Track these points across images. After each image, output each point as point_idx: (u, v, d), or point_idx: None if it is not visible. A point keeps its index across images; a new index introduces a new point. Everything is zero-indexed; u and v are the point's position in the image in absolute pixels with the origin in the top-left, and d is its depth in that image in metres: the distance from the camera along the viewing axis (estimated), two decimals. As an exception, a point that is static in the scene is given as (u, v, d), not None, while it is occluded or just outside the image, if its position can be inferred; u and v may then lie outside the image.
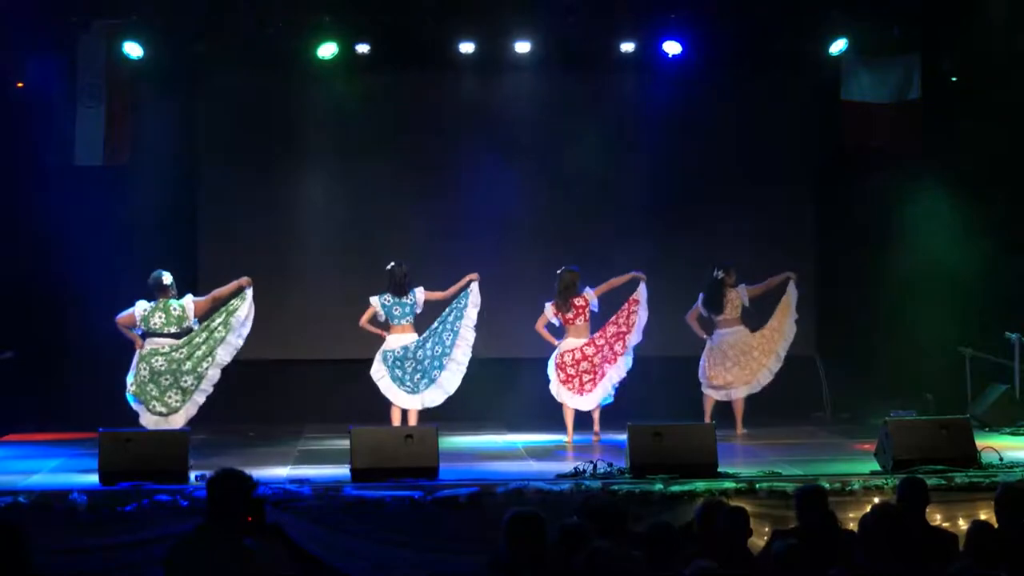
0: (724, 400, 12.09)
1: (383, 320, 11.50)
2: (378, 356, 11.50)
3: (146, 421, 10.66)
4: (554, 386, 11.63)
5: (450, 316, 11.45)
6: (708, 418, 11.84)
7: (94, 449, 9.14)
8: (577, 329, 11.61)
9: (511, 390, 12.67)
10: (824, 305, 13.62)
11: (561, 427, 11.67)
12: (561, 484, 8.83)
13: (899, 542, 5.87)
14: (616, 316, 11.64)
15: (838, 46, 12.80)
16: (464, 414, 12.10)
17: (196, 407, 10.81)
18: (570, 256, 12.07)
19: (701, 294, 12.08)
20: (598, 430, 11.60)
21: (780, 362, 12.01)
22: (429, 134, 13.50)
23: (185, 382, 10.76)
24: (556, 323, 11.68)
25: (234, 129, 13.26)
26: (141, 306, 10.87)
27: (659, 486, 8.72)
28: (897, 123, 12.82)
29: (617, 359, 11.53)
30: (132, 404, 10.83)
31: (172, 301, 10.89)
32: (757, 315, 12.14)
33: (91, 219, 12.59)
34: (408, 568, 8.30)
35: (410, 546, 8.39)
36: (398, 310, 11.41)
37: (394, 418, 11.43)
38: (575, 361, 11.56)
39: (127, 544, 8.20)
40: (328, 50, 12.49)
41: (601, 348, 11.57)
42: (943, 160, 12.88)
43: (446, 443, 9.80)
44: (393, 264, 11.47)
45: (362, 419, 10.64)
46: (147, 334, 10.85)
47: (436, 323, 11.48)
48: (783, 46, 12.89)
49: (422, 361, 11.38)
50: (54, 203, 12.45)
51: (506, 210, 13.17)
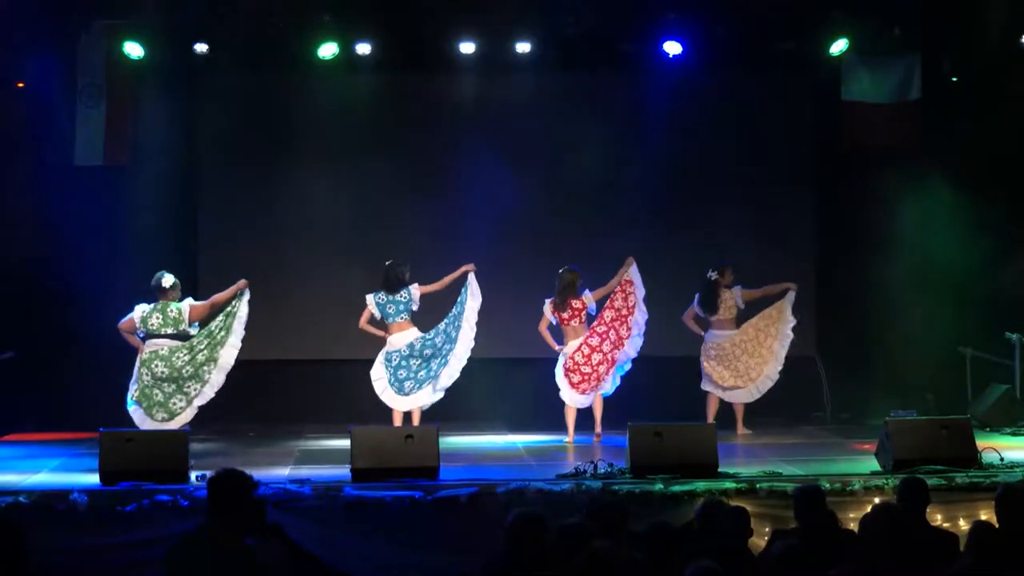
0: (725, 399, 12.09)
1: (379, 319, 11.55)
2: (380, 357, 11.51)
3: (146, 426, 10.66)
4: (565, 392, 11.63)
5: (455, 311, 11.49)
6: (711, 418, 11.84)
7: (94, 449, 9.15)
8: (574, 330, 11.61)
9: (511, 390, 12.67)
10: (824, 305, 13.61)
11: (561, 427, 11.68)
12: (561, 484, 8.83)
13: (899, 542, 5.86)
14: (611, 300, 11.63)
15: (838, 46, 12.80)
16: (464, 414, 12.12)
17: (195, 411, 10.82)
18: (570, 256, 12.07)
19: (697, 294, 12.09)
20: (599, 430, 11.60)
21: (780, 364, 12.01)
22: (429, 134, 13.50)
23: (188, 387, 10.77)
24: (554, 322, 11.70)
25: (234, 129, 13.26)
26: (140, 309, 10.91)
27: (659, 486, 8.72)
28: (897, 123, 12.81)
29: (624, 343, 11.54)
30: (130, 409, 10.83)
31: (171, 303, 10.90)
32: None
33: (91, 219, 12.59)
34: (408, 568, 8.31)
35: (410, 546, 8.39)
36: (392, 307, 11.46)
37: (396, 418, 11.45)
38: (585, 357, 11.55)
39: (127, 544, 8.19)
40: (328, 50, 12.49)
41: (604, 335, 11.56)
42: (943, 160, 12.88)
43: (446, 443, 9.80)
44: (389, 262, 11.52)
45: (362, 419, 10.66)
46: (146, 336, 10.89)
47: (443, 323, 11.52)
48: (783, 46, 12.90)
49: (429, 359, 11.40)
50: (54, 203, 12.45)
51: (506, 210, 13.16)
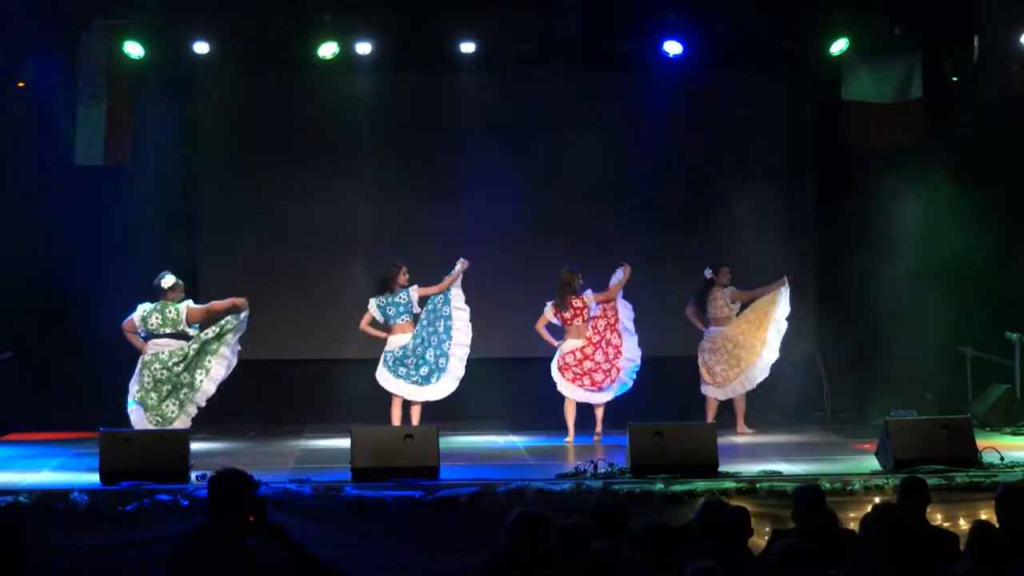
0: (722, 398, 12.08)
1: (382, 321, 11.57)
2: (381, 359, 11.54)
3: (141, 427, 10.65)
4: (563, 386, 11.64)
5: (437, 302, 11.49)
6: (710, 419, 11.84)
7: (94, 449, 9.15)
8: (577, 330, 11.62)
9: (511, 390, 12.66)
10: (824, 305, 13.61)
11: (562, 427, 11.67)
12: (561, 484, 8.83)
13: (899, 542, 5.85)
14: (603, 309, 11.64)
15: (839, 46, 12.78)
16: (464, 414, 12.11)
17: (189, 418, 10.82)
18: (571, 256, 12.07)
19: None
20: (600, 430, 11.60)
21: (775, 353, 11.97)
22: (429, 134, 13.50)
23: (182, 394, 10.78)
24: (556, 323, 11.70)
25: (234, 129, 13.25)
26: (142, 308, 10.92)
27: (660, 486, 8.72)
28: (898, 123, 12.81)
29: (621, 351, 11.53)
30: (130, 409, 10.82)
31: (171, 304, 10.90)
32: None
33: (91, 219, 12.59)
34: (408, 568, 8.31)
35: (410, 546, 8.40)
36: (391, 309, 11.52)
37: (394, 418, 11.45)
38: (577, 361, 11.57)
39: (127, 544, 8.20)
40: (328, 50, 12.47)
41: (599, 345, 11.57)
42: (944, 160, 12.86)
43: (446, 443, 9.80)
44: (386, 264, 11.55)
45: (362, 419, 10.66)
46: (147, 336, 10.90)
47: (423, 315, 11.52)
48: (783, 46, 12.89)
49: (423, 356, 11.41)
50: (54, 203, 12.46)
51: (506, 209, 13.14)
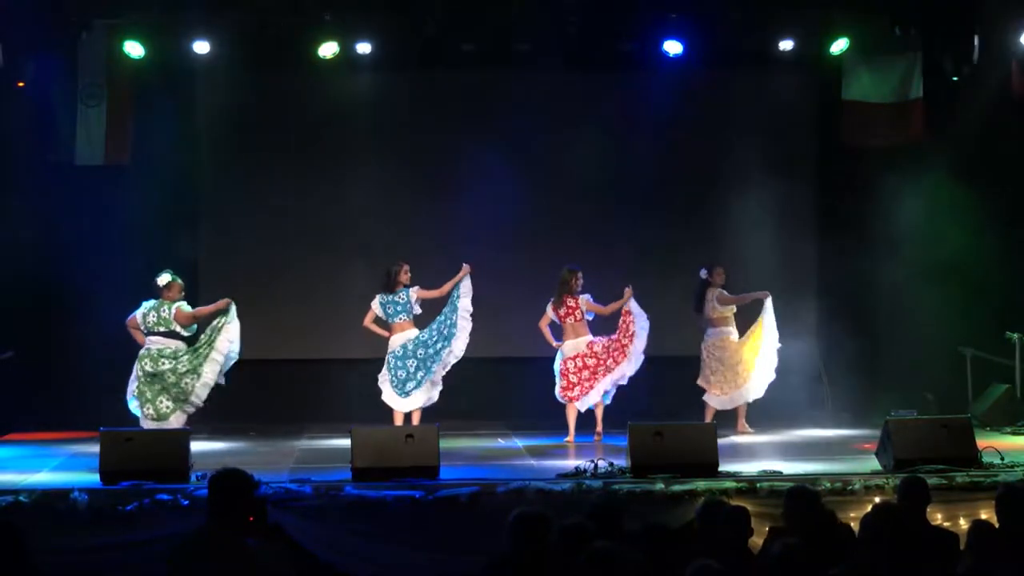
0: (718, 407, 12.04)
1: (384, 320, 11.59)
2: (385, 359, 11.57)
3: (145, 424, 10.70)
4: (558, 391, 11.67)
5: (447, 310, 11.53)
6: (709, 418, 11.84)
7: (94, 449, 9.14)
8: (573, 328, 11.62)
9: (511, 390, 12.68)
10: (824, 305, 13.60)
11: (562, 426, 11.67)
12: (562, 484, 8.82)
13: (900, 542, 5.86)
14: (618, 333, 11.59)
15: (839, 46, 12.78)
16: (464, 414, 12.11)
17: (185, 416, 10.83)
18: (570, 255, 12.07)
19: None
20: (600, 429, 11.60)
21: (770, 375, 11.93)
22: (429, 134, 13.50)
23: (175, 391, 10.79)
24: (555, 320, 11.71)
25: (234, 129, 13.25)
26: (144, 305, 11.00)
27: (660, 486, 8.71)
28: (898, 123, 12.81)
29: (615, 367, 11.54)
30: (131, 406, 10.85)
31: (166, 303, 10.95)
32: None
33: (91, 219, 12.59)
34: (409, 568, 8.31)
35: (411, 546, 8.39)
36: (391, 308, 11.57)
37: (396, 418, 11.48)
38: (577, 369, 11.59)
39: (128, 543, 8.19)
40: (329, 49, 12.48)
41: (601, 359, 11.56)
42: (944, 160, 12.86)
43: (446, 443, 9.79)
44: (392, 262, 11.58)
45: (362, 419, 10.66)
46: (147, 332, 10.96)
47: (434, 322, 11.55)
48: (783, 46, 12.88)
49: (424, 359, 11.43)
50: (54, 203, 12.46)
51: (507, 209, 13.15)
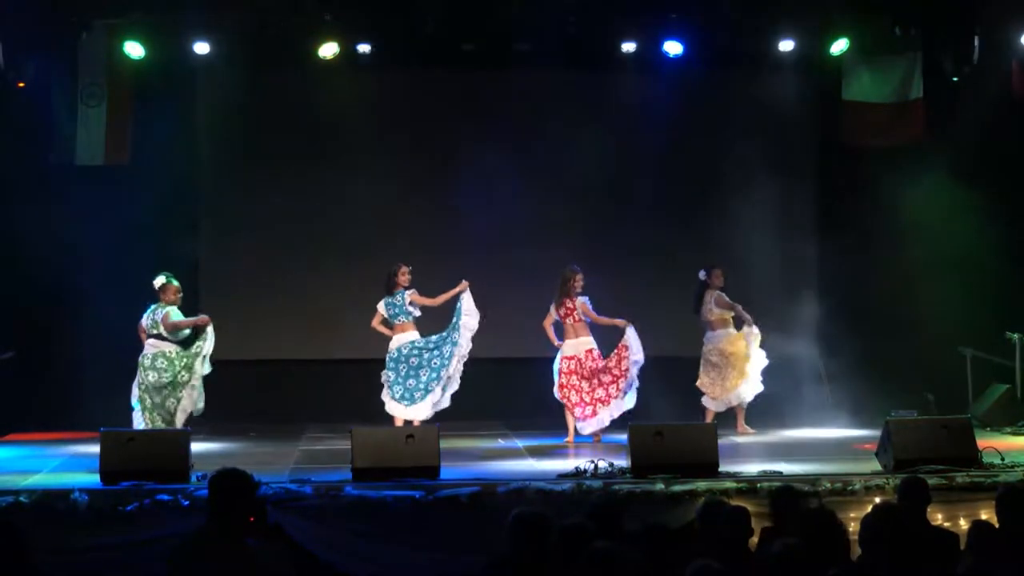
0: (714, 409, 12.03)
1: (388, 321, 11.63)
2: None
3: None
4: (556, 391, 11.66)
5: (450, 328, 11.52)
6: (708, 418, 11.84)
7: (95, 449, 9.14)
8: (573, 329, 11.61)
9: (511, 390, 12.68)
10: (825, 304, 13.59)
11: (562, 426, 11.67)
12: (562, 484, 8.83)
13: (900, 542, 5.86)
14: (610, 359, 11.57)
15: (839, 46, 12.79)
16: (464, 414, 12.10)
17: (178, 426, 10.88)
18: (571, 255, 12.08)
19: None
20: (599, 436, 11.58)
21: (754, 388, 11.94)
22: (430, 134, 13.50)
23: (160, 412, 10.86)
24: (558, 320, 11.70)
25: (234, 128, 13.25)
26: (147, 309, 11.00)
27: (660, 486, 8.72)
28: (898, 123, 12.82)
29: (611, 401, 11.50)
30: (134, 412, 10.92)
31: (161, 306, 10.97)
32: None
33: (91, 219, 12.59)
34: (409, 568, 8.31)
35: (411, 546, 8.39)
36: (391, 309, 11.62)
37: (397, 419, 11.46)
38: (569, 372, 11.57)
39: (128, 543, 8.19)
40: (329, 49, 12.48)
41: (594, 384, 11.52)
42: (944, 160, 12.86)
43: (447, 443, 9.79)
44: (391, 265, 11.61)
45: (362, 419, 10.65)
46: (147, 336, 10.99)
47: (435, 336, 11.55)
48: (783, 46, 12.88)
49: (417, 368, 11.41)
50: (54, 203, 12.47)
51: (506, 209, 13.16)
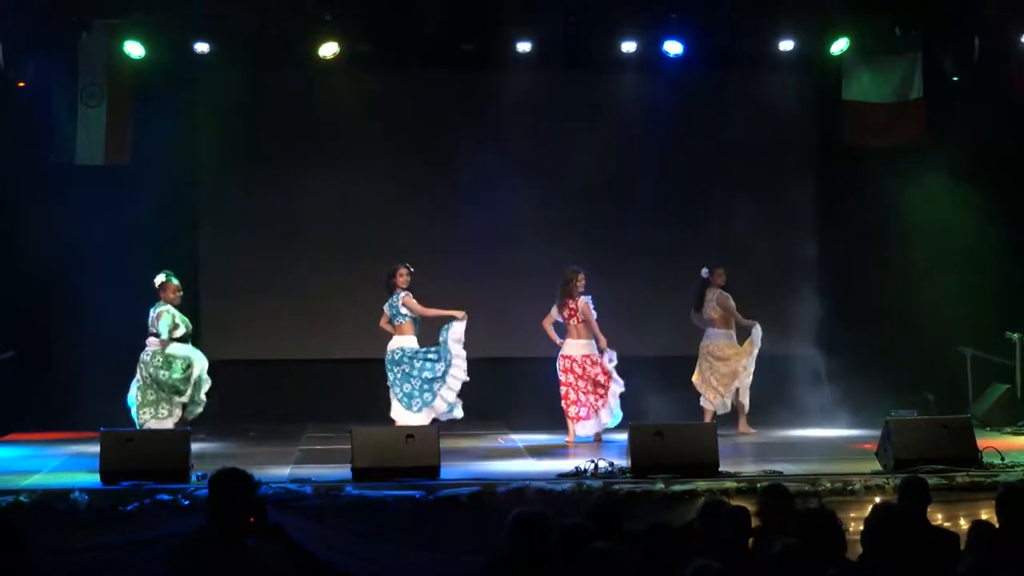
0: (712, 410, 12.00)
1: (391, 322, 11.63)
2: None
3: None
4: (562, 390, 11.66)
5: (440, 348, 11.45)
6: (708, 418, 11.83)
7: (95, 449, 9.14)
8: (576, 329, 11.58)
9: (511, 390, 12.67)
10: (825, 305, 13.59)
11: (562, 426, 11.67)
12: (562, 484, 8.82)
13: (900, 542, 5.86)
14: (598, 368, 11.55)
15: (839, 46, 12.79)
16: (464, 414, 12.09)
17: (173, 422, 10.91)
18: (571, 254, 12.07)
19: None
20: (599, 436, 11.57)
21: (734, 396, 11.92)
22: (430, 134, 13.49)
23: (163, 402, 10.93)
24: (560, 320, 11.68)
25: (234, 128, 13.24)
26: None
27: (660, 486, 8.71)
28: (898, 123, 12.82)
29: (601, 408, 11.49)
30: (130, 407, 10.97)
31: (160, 304, 10.99)
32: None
33: (91, 219, 12.59)
34: (409, 568, 8.31)
35: (411, 546, 8.39)
36: (390, 311, 11.57)
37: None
38: (566, 370, 11.55)
39: (128, 543, 8.19)
40: (329, 49, 12.48)
41: (595, 384, 11.53)
42: (944, 161, 12.86)
43: (446, 443, 9.79)
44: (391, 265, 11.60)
45: (362, 419, 10.65)
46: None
47: (429, 350, 11.48)
48: (782, 46, 12.88)
49: (410, 375, 11.38)
50: (54, 203, 12.47)
51: (506, 209, 13.15)
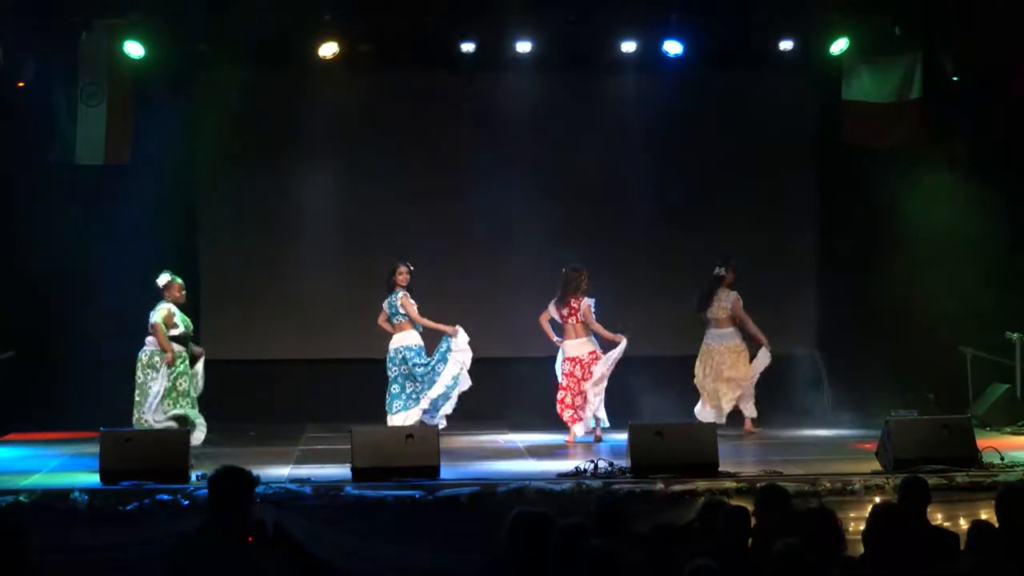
0: (712, 420, 11.91)
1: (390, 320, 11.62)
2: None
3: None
4: (560, 394, 11.65)
5: (438, 357, 11.46)
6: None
7: (95, 448, 9.15)
8: (574, 329, 11.56)
9: (511, 390, 12.67)
10: (825, 304, 13.61)
11: (562, 426, 11.67)
12: (562, 484, 8.83)
13: (900, 542, 5.86)
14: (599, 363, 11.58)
15: (839, 46, 12.78)
16: (464, 414, 12.10)
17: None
18: (571, 254, 12.06)
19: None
20: (600, 432, 11.58)
21: (740, 393, 11.91)
22: (430, 133, 13.49)
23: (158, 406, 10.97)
24: (558, 320, 11.67)
25: (234, 128, 13.22)
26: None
27: (660, 486, 8.72)
28: (898, 123, 12.81)
29: (585, 406, 11.49)
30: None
31: (162, 303, 10.98)
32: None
33: (91, 219, 12.60)
34: (409, 568, 8.32)
35: (411, 546, 8.40)
36: (390, 309, 11.59)
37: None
38: (570, 373, 11.54)
39: (128, 543, 8.20)
40: (329, 49, 12.48)
41: (581, 386, 11.54)
42: (944, 161, 12.86)
43: (446, 443, 9.80)
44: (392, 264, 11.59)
45: (362, 419, 10.65)
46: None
47: (431, 359, 11.49)
48: (783, 46, 12.87)
49: (408, 376, 11.40)
50: (54, 202, 12.47)
51: (507, 209, 13.16)
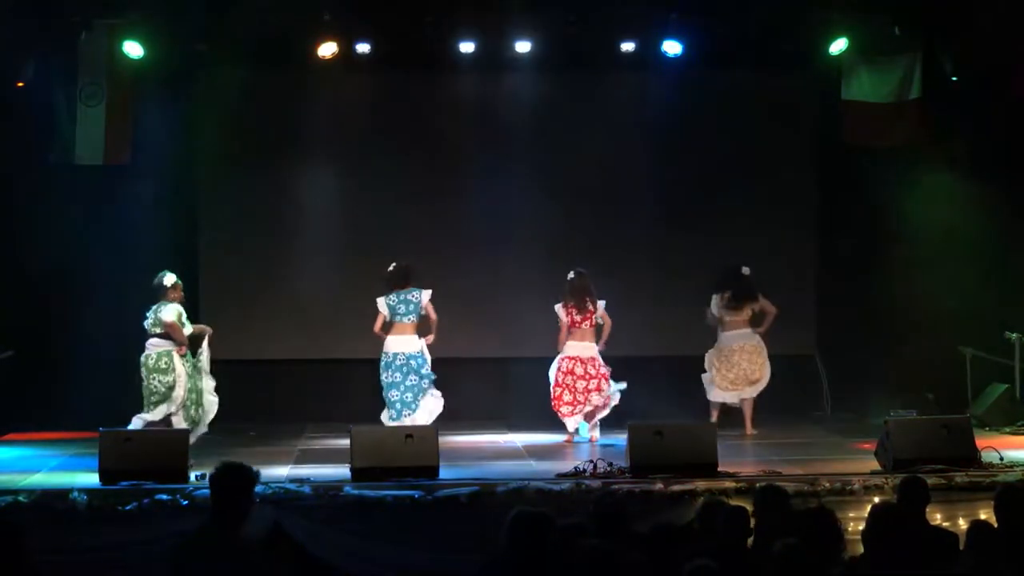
0: (733, 404, 12.00)
1: (389, 320, 11.41)
2: (381, 366, 11.39)
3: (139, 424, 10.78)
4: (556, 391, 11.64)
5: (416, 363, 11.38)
6: (714, 419, 11.79)
7: (94, 449, 9.15)
8: (583, 332, 11.54)
9: (511, 390, 12.67)
10: (824, 304, 13.60)
11: (562, 426, 11.67)
12: (561, 484, 8.84)
13: (899, 542, 5.86)
14: (597, 366, 11.56)
15: (838, 46, 12.77)
16: (464, 414, 12.11)
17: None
18: (571, 255, 12.06)
19: (721, 292, 11.92)
20: (596, 434, 11.56)
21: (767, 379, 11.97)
22: (429, 133, 13.47)
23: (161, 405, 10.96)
24: (567, 322, 11.57)
25: (234, 128, 13.22)
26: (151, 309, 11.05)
27: (659, 486, 8.72)
28: (898, 123, 12.80)
29: (595, 395, 11.51)
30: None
31: (164, 303, 10.97)
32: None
33: (91, 219, 12.60)
34: (409, 568, 8.32)
35: (410, 546, 8.40)
36: (402, 307, 11.32)
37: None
38: (568, 371, 11.52)
39: (128, 544, 8.20)
40: (328, 49, 12.47)
41: (589, 390, 11.55)
42: (943, 161, 12.86)
43: (446, 443, 9.80)
44: (395, 263, 11.49)
45: (362, 419, 10.66)
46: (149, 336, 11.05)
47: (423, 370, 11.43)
48: (783, 46, 12.87)
49: (406, 376, 11.34)
50: (54, 202, 12.47)
51: (506, 209, 13.16)
